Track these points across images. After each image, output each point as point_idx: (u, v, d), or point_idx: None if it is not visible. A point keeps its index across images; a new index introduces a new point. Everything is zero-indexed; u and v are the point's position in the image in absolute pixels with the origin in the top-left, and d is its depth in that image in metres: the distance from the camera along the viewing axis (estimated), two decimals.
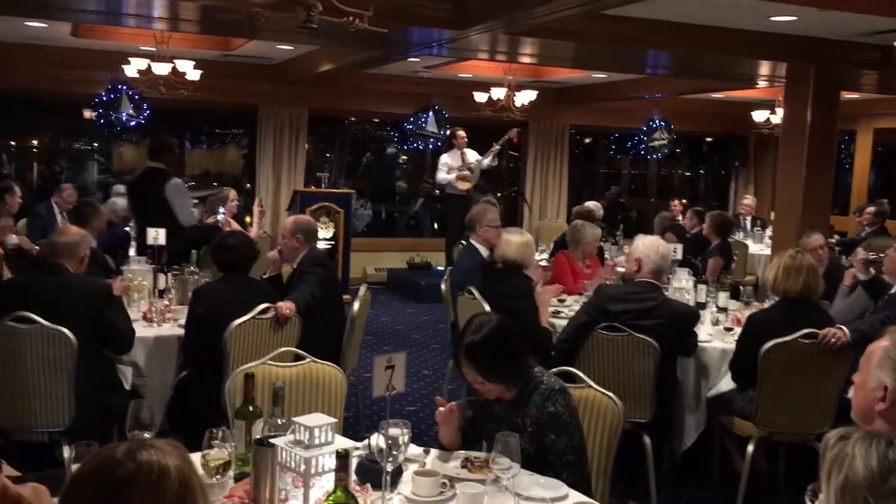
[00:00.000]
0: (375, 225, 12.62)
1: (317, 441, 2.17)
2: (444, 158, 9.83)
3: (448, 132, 11.02)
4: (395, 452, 2.34)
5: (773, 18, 5.98)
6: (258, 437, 2.29)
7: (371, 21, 3.66)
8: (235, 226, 7.10)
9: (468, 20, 5.85)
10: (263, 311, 4.20)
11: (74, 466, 2.25)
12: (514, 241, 4.71)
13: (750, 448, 4.16)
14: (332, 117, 11.96)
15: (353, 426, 4.92)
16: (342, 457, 1.92)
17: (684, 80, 9.87)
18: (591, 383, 2.96)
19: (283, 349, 3.42)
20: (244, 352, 4.11)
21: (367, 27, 3.56)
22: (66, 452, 3.75)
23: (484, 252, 5.35)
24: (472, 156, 9.85)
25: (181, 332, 4.42)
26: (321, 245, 7.72)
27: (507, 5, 5.54)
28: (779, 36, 6.62)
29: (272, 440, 2.17)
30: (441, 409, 2.76)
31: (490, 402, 2.79)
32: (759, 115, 11.55)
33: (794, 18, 5.94)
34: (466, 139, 9.91)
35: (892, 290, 4.54)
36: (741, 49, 6.89)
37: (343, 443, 2.26)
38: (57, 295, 3.88)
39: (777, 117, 11.00)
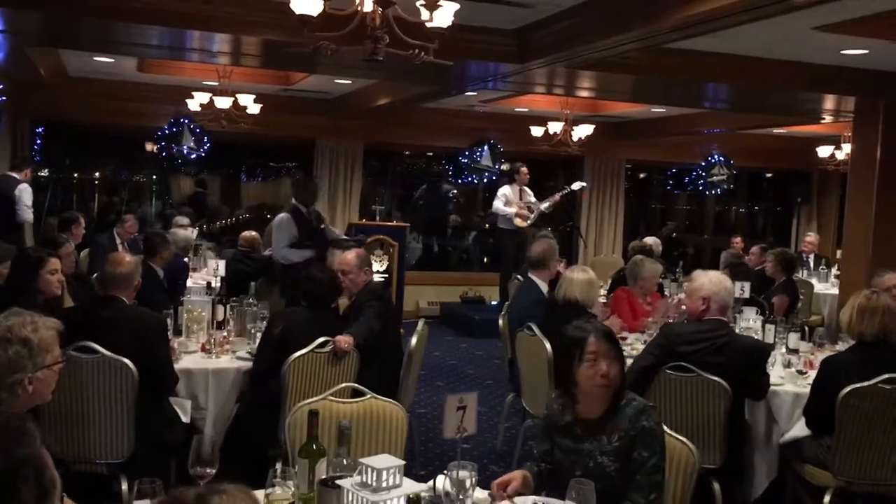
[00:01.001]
0: (427, 259, 12.60)
1: (384, 484, 2.08)
2: (505, 190, 9.85)
3: (503, 166, 11.00)
4: (461, 497, 2.25)
5: (844, 52, 5.83)
6: (323, 477, 2.22)
7: (435, 54, 3.64)
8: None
9: (529, 54, 5.82)
10: (322, 345, 4.16)
11: (135, 503, 2.21)
12: (577, 279, 4.60)
13: (827, 499, 3.94)
14: (387, 150, 12.03)
15: (408, 464, 4.82)
16: (414, 502, 1.83)
17: (745, 115, 9.70)
18: (665, 428, 2.82)
19: (345, 385, 3.35)
20: (302, 385, 4.07)
21: (432, 59, 3.54)
22: (124, 485, 3.73)
23: (544, 288, 5.25)
24: (529, 193, 9.83)
25: (240, 364, 4.41)
26: (376, 278, 7.69)
27: (569, 39, 5.50)
28: (848, 69, 6.46)
29: (338, 481, 2.09)
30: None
31: (571, 425, 2.76)
32: (823, 151, 11.26)
33: (866, 52, 5.78)
34: (528, 176, 9.89)
35: None
36: (807, 83, 6.74)
37: (411, 486, 2.17)
38: (113, 327, 3.88)
39: (842, 153, 10.71)
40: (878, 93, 6.79)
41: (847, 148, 10.10)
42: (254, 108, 8.71)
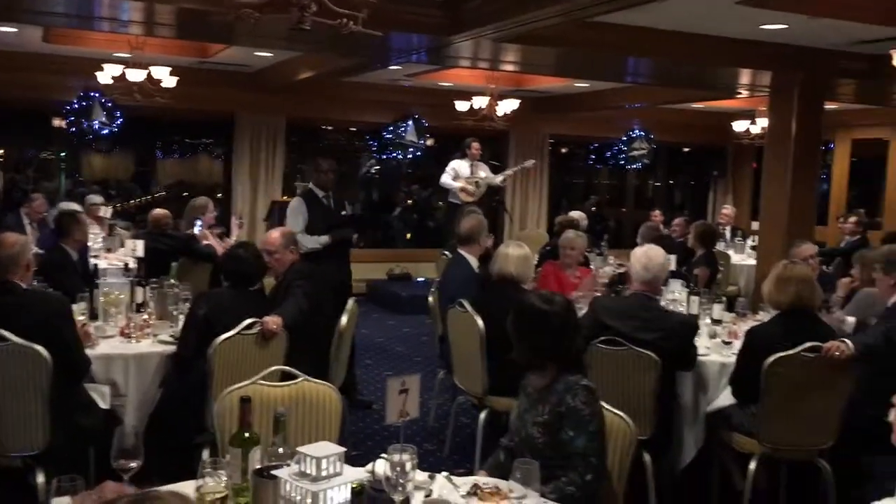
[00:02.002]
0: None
1: (324, 473, 2.00)
2: (454, 164, 9.65)
3: (430, 142, 10.93)
4: (402, 480, 2.19)
5: (763, 27, 5.93)
6: (258, 467, 2.12)
7: (363, 24, 3.51)
8: (211, 238, 6.92)
9: (458, 27, 5.73)
10: (249, 327, 4.03)
11: (54, 500, 2.07)
12: (512, 254, 4.57)
13: (752, 465, 4.04)
14: (310, 126, 11.78)
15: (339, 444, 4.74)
16: (358, 493, 1.76)
17: (665, 90, 9.85)
18: (603, 403, 2.82)
19: (275, 368, 3.24)
20: (229, 369, 3.93)
21: (361, 29, 3.41)
22: (40, 478, 3.54)
23: (474, 264, 5.21)
24: (484, 169, 9.71)
25: (162, 348, 4.24)
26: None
27: (496, 12, 5.43)
28: (767, 44, 6.58)
29: (274, 471, 2.00)
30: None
31: (530, 392, 2.82)
32: (738, 126, 11.56)
33: (786, 26, 5.89)
34: (480, 151, 9.76)
35: (890, 303, 4.46)
36: (728, 57, 6.84)
37: (350, 472, 2.09)
38: (13, 313, 3.61)
39: (757, 127, 11.01)
40: (795, 67, 6.95)
41: (761, 122, 10.40)
42: (169, 82, 8.37)
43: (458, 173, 9.56)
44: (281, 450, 2.20)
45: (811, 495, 4.30)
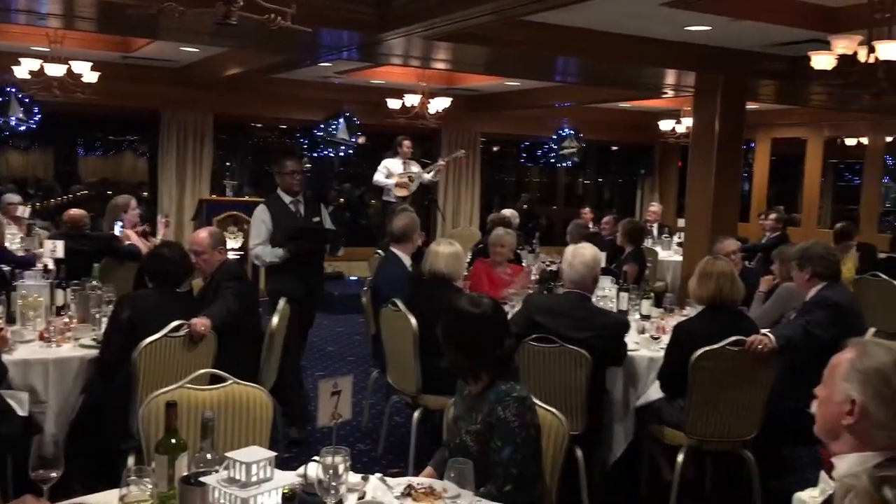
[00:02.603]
0: None
1: (254, 478, 1.96)
2: (387, 163, 9.65)
3: (360, 139, 10.86)
4: (335, 483, 2.16)
5: (688, 28, 6.07)
6: (185, 474, 2.06)
7: (292, 20, 3.46)
8: (135, 237, 6.72)
9: (388, 24, 5.70)
10: (176, 329, 3.92)
11: None
12: (444, 252, 4.56)
13: (680, 457, 4.13)
14: (238, 123, 11.58)
15: (271, 447, 4.66)
16: (289, 498, 1.73)
17: (594, 89, 10.00)
18: (536, 400, 2.84)
19: (203, 371, 3.16)
20: (155, 373, 3.82)
21: (290, 25, 3.36)
22: None
23: (407, 262, 5.19)
24: (414, 167, 9.72)
25: (84, 352, 4.09)
26: (230, 256, 7.39)
27: (427, 10, 5.42)
28: (691, 46, 6.74)
29: (202, 478, 1.95)
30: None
31: (467, 396, 2.79)
32: (664, 125, 11.82)
33: (709, 28, 6.04)
34: (412, 149, 9.75)
35: (808, 297, 4.61)
36: (654, 58, 6.99)
37: (281, 477, 2.05)
38: None
39: (682, 126, 11.28)
40: (717, 68, 7.14)
41: (686, 121, 10.66)
42: (90, 77, 8.11)
43: (390, 171, 9.55)
44: (209, 455, 2.15)
45: (736, 485, 4.42)
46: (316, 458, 2.21)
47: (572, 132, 12.79)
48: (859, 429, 1.84)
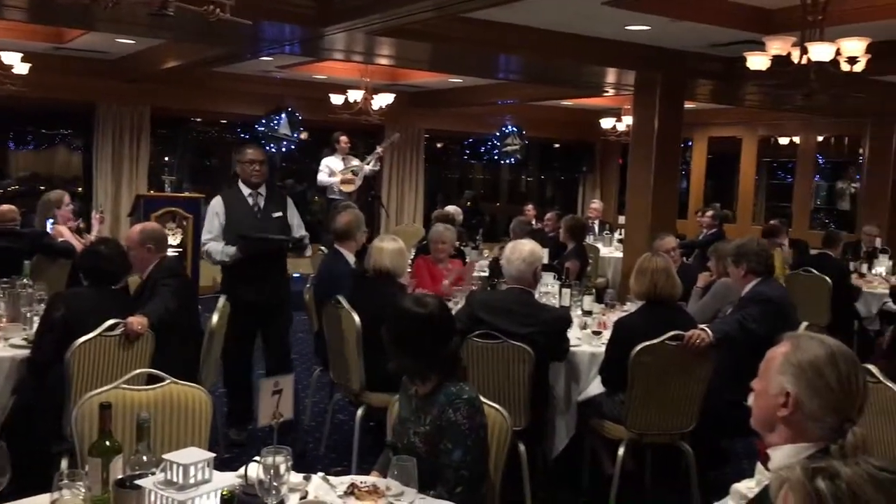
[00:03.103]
0: None
1: (192, 480, 1.91)
2: (328, 161, 9.62)
3: (303, 134, 10.75)
4: (276, 484, 2.13)
5: (628, 27, 6.15)
6: (119, 477, 2.01)
7: (232, 12, 3.39)
8: (68, 233, 6.53)
9: (330, 18, 5.64)
10: (111, 328, 3.82)
11: None
12: (387, 248, 4.54)
13: (621, 451, 4.18)
14: (177, 117, 11.33)
15: (210, 448, 4.57)
16: (228, 500, 1.69)
17: (536, 87, 10.07)
18: (480, 396, 2.84)
19: (139, 371, 3.08)
20: (90, 373, 3.71)
21: (229, 17, 3.29)
22: None
23: (351, 259, 5.15)
24: (353, 161, 9.67)
25: (15, 352, 3.96)
26: (169, 252, 7.24)
27: (369, 5, 5.39)
28: (630, 45, 6.84)
29: (137, 481, 1.89)
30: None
31: (412, 396, 2.75)
32: (605, 123, 11.98)
33: (648, 28, 6.14)
34: (349, 144, 9.68)
35: (744, 293, 4.72)
36: (595, 57, 7.08)
37: (220, 479, 2.01)
38: None
39: (622, 124, 11.44)
40: (657, 68, 7.26)
41: (627, 120, 10.82)
42: (21, 68, 7.87)
43: (332, 170, 9.50)
44: (145, 458, 2.09)
45: (674, 477, 4.51)
46: (257, 458, 2.17)
47: (515, 130, 12.87)
48: (794, 420, 1.89)
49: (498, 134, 12.85)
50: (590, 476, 4.62)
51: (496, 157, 13.04)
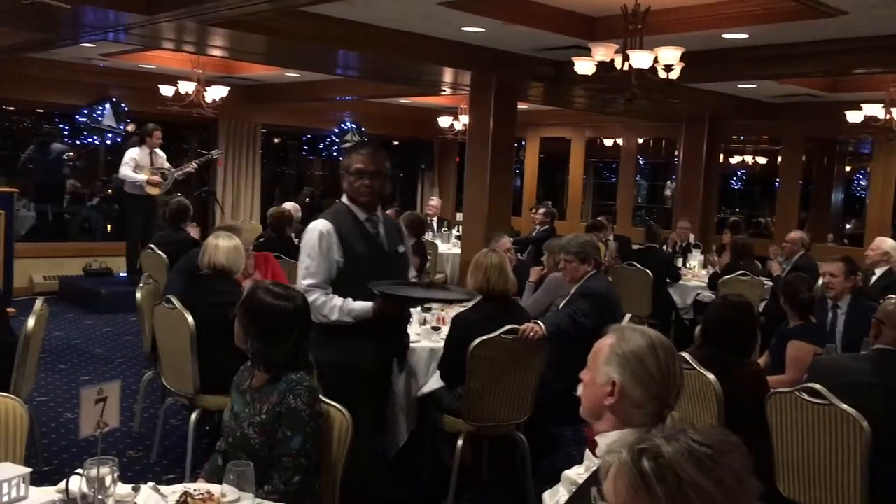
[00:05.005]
0: (41, 228, 11.24)
1: (6, 498, 1.77)
2: (134, 153, 8.99)
3: (129, 126, 10.20)
4: (100, 497, 2.01)
5: (464, 29, 6.27)
6: None
7: None
8: None
9: (158, 5, 5.39)
10: None
11: None
12: (223, 245, 4.39)
13: (460, 443, 4.27)
14: None
15: (28, 461, 4.26)
16: None
17: (375, 84, 10.08)
18: (321, 396, 2.81)
19: None
20: None
21: (47, 1, 3.09)
22: None
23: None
24: (162, 157, 9.18)
25: None
26: None
27: None
28: (466, 46, 6.99)
29: None
30: None
31: (246, 390, 2.72)
32: (443, 121, 12.17)
33: (483, 30, 6.29)
34: (161, 140, 9.20)
35: (574, 289, 4.94)
36: (432, 56, 7.17)
37: (38, 495, 1.87)
38: None
39: (459, 123, 11.68)
40: (491, 69, 7.46)
41: (464, 119, 11.05)
42: None
43: (138, 163, 8.96)
44: None
45: (510, 466, 4.66)
46: (79, 470, 2.04)
47: (354, 126, 12.83)
48: (619, 408, 2.00)
49: (337, 130, 12.77)
50: (429, 469, 4.68)
51: (335, 154, 12.94)
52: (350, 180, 3.62)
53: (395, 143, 14.89)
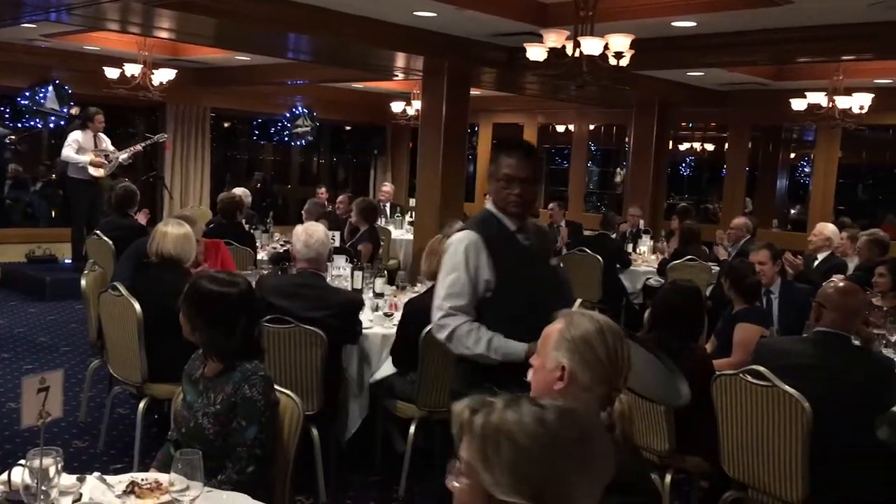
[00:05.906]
0: None
1: None
2: (77, 136, 8.77)
3: (73, 110, 9.94)
4: (45, 488, 1.97)
5: (416, 13, 6.24)
6: None
7: None
8: None
9: None
10: None
11: None
12: (172, 233, 4.31)
13: (412, 429, 4.29)
14: None
15: None
16: None
17: (327, 69, 9.98)
18: (276, 386, 2.79)
19: None
20: None
21: None
22: None
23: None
24: (106, 141, 8.98)
25: None
26: None
27: None
28: (419, 31, 6.96)
29: None
30: None
31: (198, 379, 2.70)
32: (396, 106, 12.11)
33: (435, 15, 6.26)
34: (104, 123, 8.99)
35: None
36: (384, 41, 7.12)
37: None
38: None
39: (412, 109, 11.63)
40: (444, 54, 7.44)
41: (417, 104, 11.01)
42: None
43: (80, 146, 8.77)
44: None
45: None
46: (22, 461, 2.00)
47: (306, 111, 12.70)
48: (569, 393, 2.02)
49: (288, 115, 12.62)
50: (382, 455, 4.69)
51: (287, 139, 12.80)
52: (498, 187, 3.08)
53: (348, 128, 14.79)
